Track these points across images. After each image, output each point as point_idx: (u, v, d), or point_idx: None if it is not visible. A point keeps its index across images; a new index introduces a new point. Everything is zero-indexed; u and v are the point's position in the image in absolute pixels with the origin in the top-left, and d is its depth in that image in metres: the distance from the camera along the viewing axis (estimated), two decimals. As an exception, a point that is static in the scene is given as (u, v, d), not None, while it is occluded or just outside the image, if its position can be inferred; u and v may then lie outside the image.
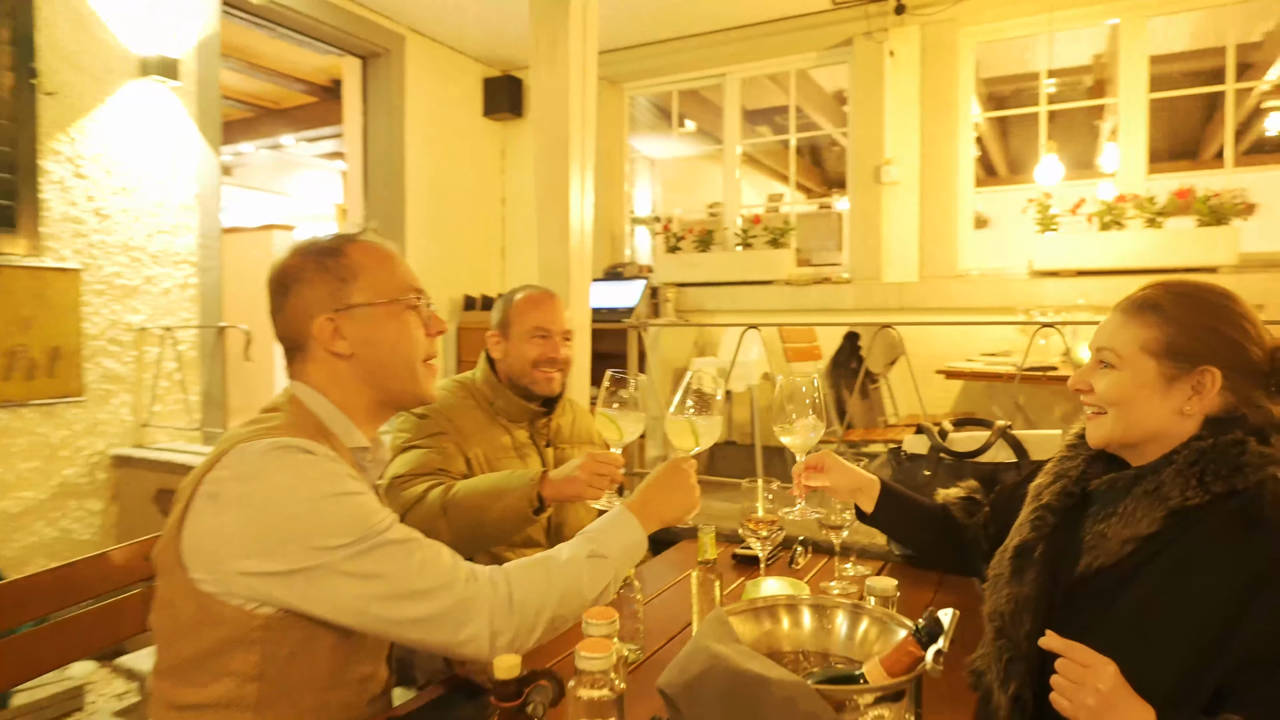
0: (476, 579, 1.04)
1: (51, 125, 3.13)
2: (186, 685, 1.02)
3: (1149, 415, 1.10)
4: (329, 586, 0.98)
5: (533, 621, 1.04)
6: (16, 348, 3.01)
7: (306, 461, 1.01)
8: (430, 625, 1.00)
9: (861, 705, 0.76)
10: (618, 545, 1.16)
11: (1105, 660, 0.95)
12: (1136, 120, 4.14)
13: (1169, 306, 1.11)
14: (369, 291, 1.13)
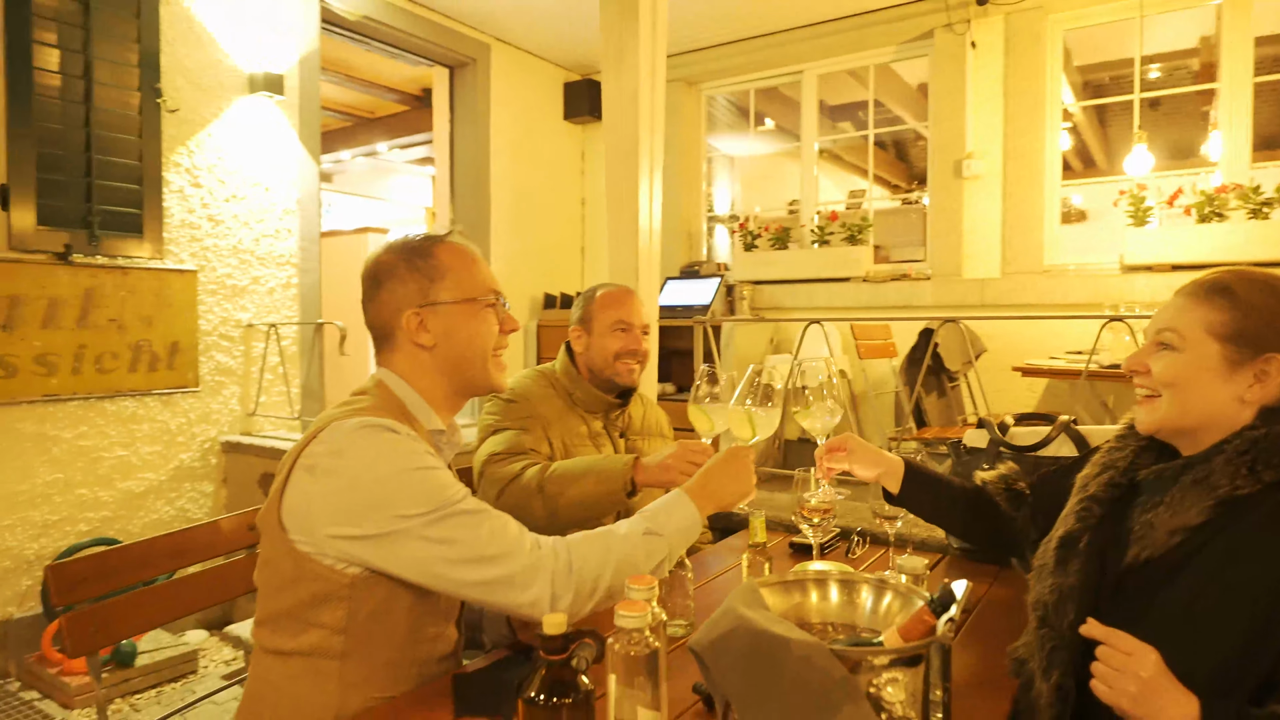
0: (540, 547, 1.13)
1: (172, 140, 3.44)
2: (282, 634, 1.15)
3: (1206, 400, 1.09)
4: (407, 549, 1.09)
5: (590, 589, 1.13)
6: (141, 342, 3.32)
7: (390, 439, 1.12)
8: (496, 587, 1.10)
9: (876, 666, 0.81)
10: (673, 525, 1.23)
11: (1147, 648, 0.96)
12: (1240, 105, 3.92)
13: (1241, 291, 1.10)
14: (453, 290, 1.26)
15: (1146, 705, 0.92)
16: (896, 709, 0.81)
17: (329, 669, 1.13)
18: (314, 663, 1.14)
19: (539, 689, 0.94)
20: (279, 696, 1.15)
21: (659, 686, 0.92)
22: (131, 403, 3.33)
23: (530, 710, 0.94)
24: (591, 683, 0.97)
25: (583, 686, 0.96)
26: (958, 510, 1.49)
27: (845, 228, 4.72)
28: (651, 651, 0.90)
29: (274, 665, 1.16)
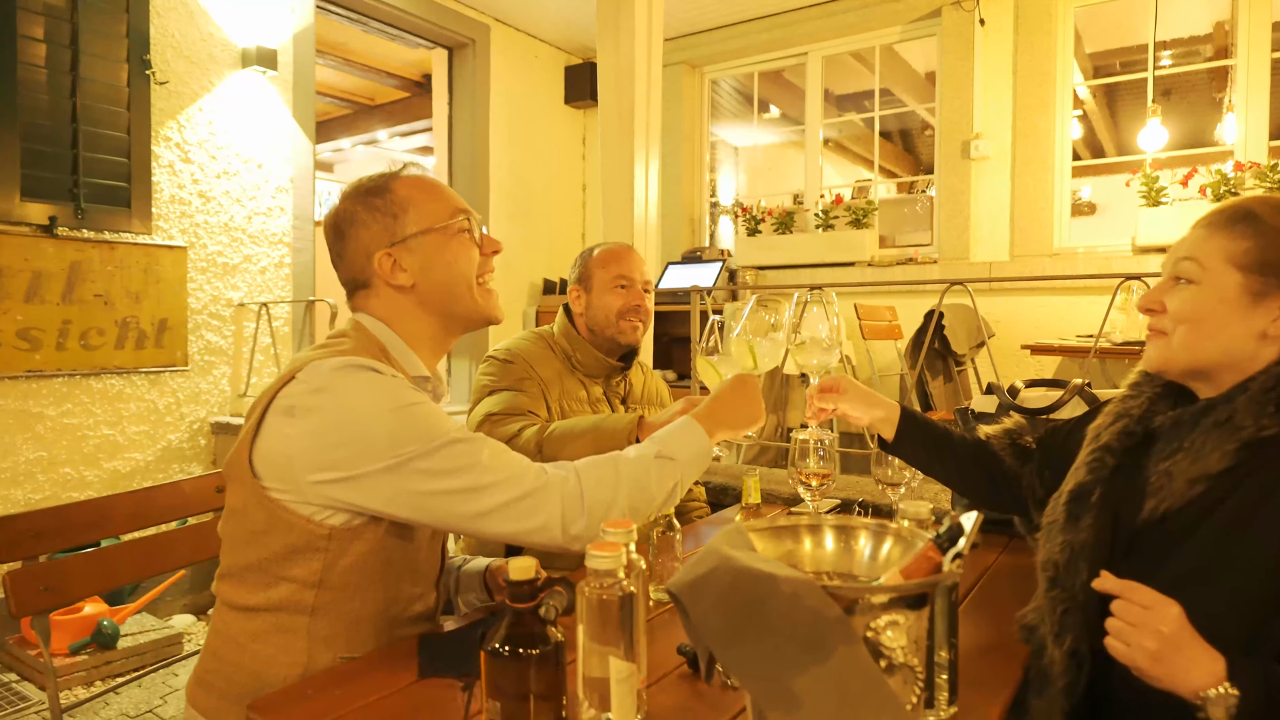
0: (546, 472, 1.07)
1: (162, 113, 3.36)
2: (248, 587, 1.07)
3: (1224, 336, 1.00)
4: (407, 486, 1.02)
5: (603, 513, 1.06)
6: (129, 318, 3.25)
7: (374, 378, 1.05)
8: (503, 515, 1.03)
9: (874, 607, 0.72)
10: (685, 450, 1.17)
11: (1168, 601, 0.87)
12: (1258, 83, 3.82)
13: (1266, 217, 1.01)
14: (419, 221, 1.17)
15: (1168, 663, 0.83)
16: (896, 654, 0.72)
17: (297, 625, 1.06)
18: (281, 618, 1.06)
19: (503, 640, 0.86)
20: (241, 655, 1.07)
21: (634, 636, 0.83)
22: (118, 380, 3.26)
23: (493, 663, 0.86)
24: (562, 634, 0.89)
25: (551, 637, 0.87)
26: (958, 463, 1.39)
27: (850, 211, 4.63)
28: (625, 595, 0.82)
29: (236, 621, 1.09)
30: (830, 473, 1.50)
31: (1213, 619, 0.87)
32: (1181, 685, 0.84)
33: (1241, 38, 3.87)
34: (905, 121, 7.10)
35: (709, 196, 5.59)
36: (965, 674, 1.01)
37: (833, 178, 6.61)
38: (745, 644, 0.72)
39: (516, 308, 5.24)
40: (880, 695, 0.69)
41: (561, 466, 1.09)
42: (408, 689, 1.00)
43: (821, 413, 1.39)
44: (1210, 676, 0.83)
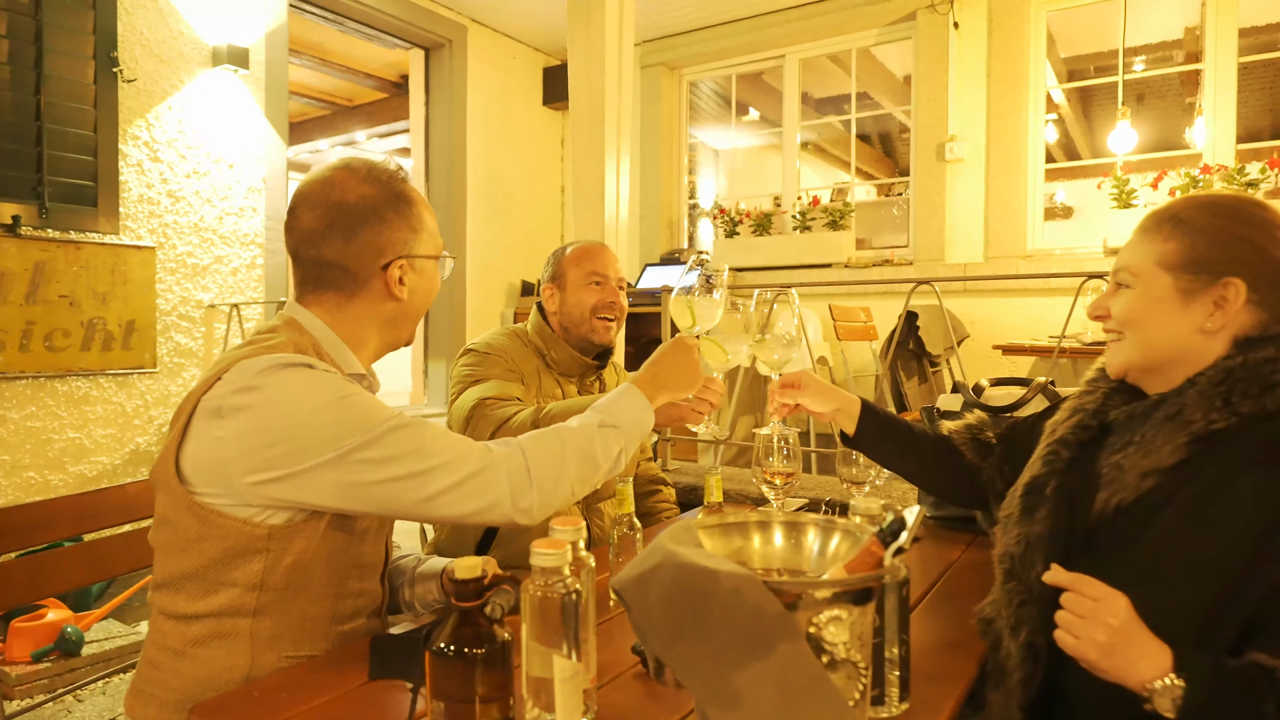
0: (491, 450, 1.06)
1: (130, 111, 3.32)
2: (186, 596, 1.05)
3: (1166, 334, 1.01)
4: (350, 478, 0.99)
5: (552, 485, 1.06)
6: (95, 320, 3.20)
7: (307, 374, 1.03)
8: (451, 496, 1.02)
9: (817, 602, 0.71)
10: (627, 416, 1.18)
11: (1117, 593, 0.88)
12: (1225, 88, 3.87)
13: (1189, 216, 1.02)
14: (428, 246, 1.20)
15: (1116, 656, 0.84)
16: (839, 650, 0.71)
17: (239, 628, 1.04)
18: (223, 623, 1.04)
19: (448, 639, 0.85)
20: (181, 661, 1.04)
21: (579, 634, 0.82)
22: (84, 383, 3.20)
23: (438, 662, 0.85)
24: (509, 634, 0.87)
25: (498, 636, 0.86)
26: (920, 457, 1.39)
27: (827, 213, 4.64)
28: (570, 593, 0.81)
29: (176, 629, 1.05)
30: (794, 471, 1.49)
31: (1163, 614, 0.88)
32: (1129, 677, 0.84)
33: (1209, 43, 3.93)
34: (884, 125, 7.13)
35: (688, 198, 5.59)
36: (921, 669, 1.01)
37: (813, 180, 6.63)
38: (687, 641, 0.71)
39: (495, 309, 5.22)
40: (822, 691, 0.69)
41: (506, 444, 1.08)
42: (356, 691, 0.98)
43: (783, 408, 1.38)
44: (1157, 668, 0.83)
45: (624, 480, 1.31)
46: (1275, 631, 0.85)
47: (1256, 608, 0.87)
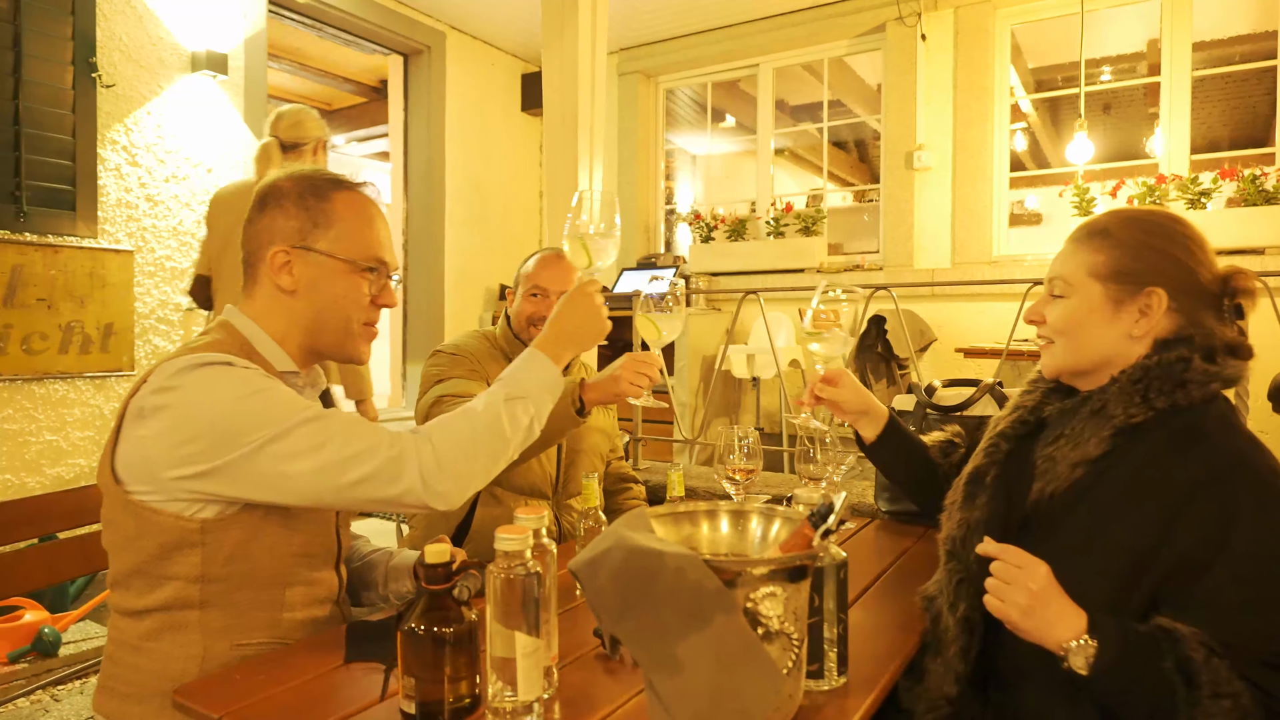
0: (400, 438, 1.07)
1: (108, 116, 3.34)
2: (135, 593, 1.09)
3: (1097, 340, 1.10)
4: (267, 470, 1.02)
5: (465, 466, 1.08)
6: (73, 323, 3.22)
7: (223, 371, 1.05)
8: (369, 485, 1.04)
9: (753, 579, 0.79)
10: (533, 383, 1.18)
11: (1038, 561, 0.97)
12: (1180, 99, 4.01)
13: (1116, 230, 1.11)
14: (334, 244, 1.16)
15: (1036, 617, 0.92)
16: (773, 623, 0.78)
17: (188, 620, 1.07)
18: (172, 616, 1.07)
19: (418, 619, 0.91)
20: (138, 656, 1.08)
21: (541, 615, 0.89)
22: (62, 385, 3.22)
23: (409, 641, 0.91)
24: (476, 615, 0.94)
25: (465, 617, 0.93)
26: (913, 471, 1.48)
27: (800, 219, 4.74)
28: (532, 575, 0.87)
29: (130, 625, 1.09)
30: (755, 468, 1.57)
31: (1083, 586, 0.96)
32: (1048, 637, 0.92)
33: (1165, 56, 4.07)
34: (859, 132, 7.26)
35: (664, 204, 5.68)
36: (864, 648, 1.09)
37: (790, 186, 6.74)
38: (635, 615, 0.78)
39: (473, 313, 5.27)
40: (756, 659, 0.76)
41: (417, 431, 1.10)
42: (332, 673, 1.04)
43: (816, 400, 1.43)
44: (1073, 630, 0.91)
45: (589, 476, 1.38)
46: (1177, 600, 0.94)
47: (1162, 579, 0.95)
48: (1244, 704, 0.85)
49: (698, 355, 4.54)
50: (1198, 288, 1.07)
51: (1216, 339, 1.06)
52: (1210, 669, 0.86)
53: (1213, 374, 1.03)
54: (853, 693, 0.97)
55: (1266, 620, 0.90)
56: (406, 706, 0.91)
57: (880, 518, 1.85)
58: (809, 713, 0.92)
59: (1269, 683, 0.87)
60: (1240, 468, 0.96)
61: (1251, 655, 0.88)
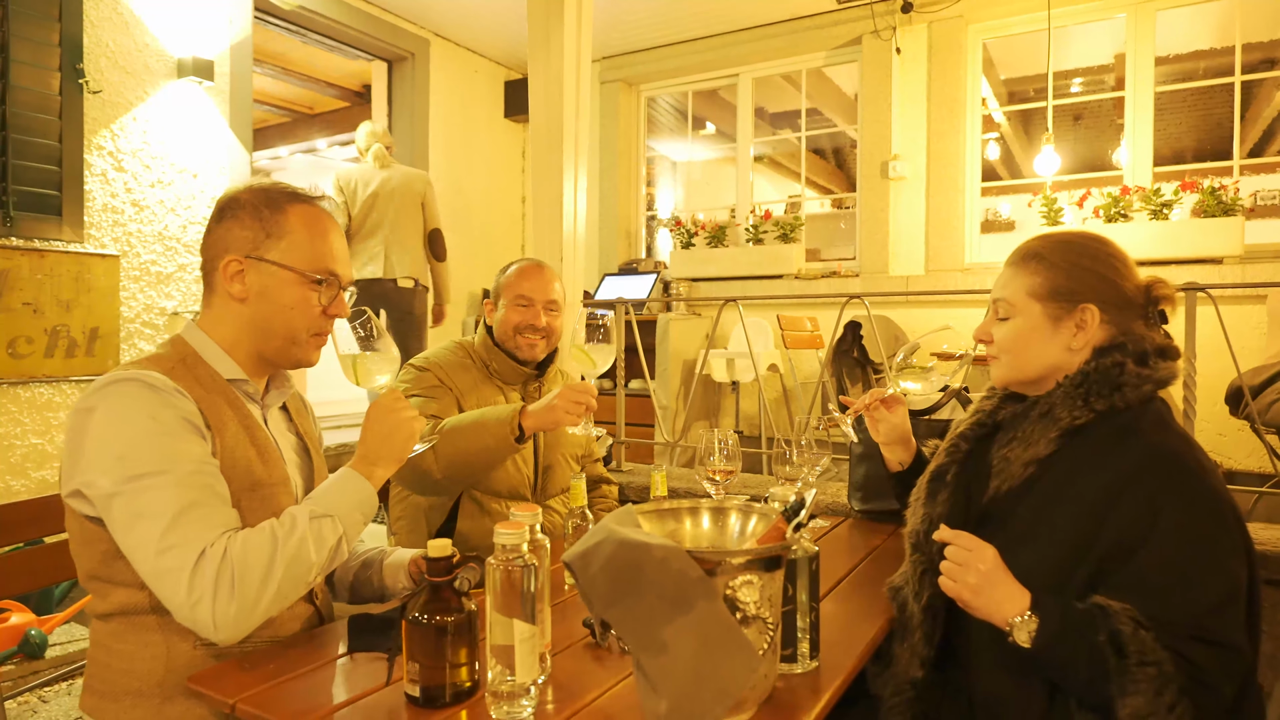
0: (205, 557, 1.01)
1: (95, 122, 3.37)
2: (96, 597, 1.14)
3: (1040, 354, 1.21)
4: (117, 515, 1.03)
5: (255, 595, 1.02)
6: (59, 327, 3.23)
7: (134, 391, 1.07)
8: (164, 579, 1.01)
9: (731, 568, 0.87)
10: (343, 503, 1.14)
11: (987, 545, 1.06)
12: (1143, 112, 4.16)
13: (1048, 253, 1.22)
14: (285, 255, 1.19)
15: (985, 595, 1.02)
16: (750, 608, 0.86)
17: (148, 622, 1.11)
18: (132, 619, 1.11)
19: (422, 609, 0.98)
20: (109, 657, 1.13)
21: (537, 604, 0.96)
22: (47, 389, 3.24)
23: (412, 629, 0.98)
24: (475, 606, 1.01)
25: (465, 607, 1.00)
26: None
27: (778, 226, 4.84)
28: (528, 566, 0.95)
29: (100, 628, 1.15)
30: (734, 469, 1.65)
31: (1029, 571, 1.06)
32: (995, 615, 1.02)
33: (1129, 71, 4.22)
34: (837, 140, 7.39)
35: (646, 209, 5.76)
36: (834, 634, 1.17)
37: (769, 192, 6.85)
38: (624, 602, 0.85)
39: (456, 317, 5.31)
40: (735, 640, 0.84)
41: (228, 547, 1.03)
42: (335, 662, 1.11)
43: (867, 409, 1.51)
44: (1018, 607, 1.01)
45: (577, 477, 1.46)
46: (1111, 581, 1.04)
47: (1098, 563, 1.05)
48: (1166, 671, 0.95)
49: (678, 359, 4.62)
50: (1124, 299, 1.18)
51: (1147, 343, 1.16)
52: (1137, 640, 0.95)
53: (1145, 376, 1.13)
54: (824, 675, 1.05)
55: (1189, 597, 0.99)
56: (411, 690, 0.98)
57: (853, 516, 1.94)
58: (784, 694, 1.00)
59: (1194, 653, 0.97)
60: (1168, 462, 1.06)
61: (1178, 629, 0.98)
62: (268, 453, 1.21)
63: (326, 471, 1.34)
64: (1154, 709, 0.95)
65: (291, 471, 1.27)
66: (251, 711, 0.97)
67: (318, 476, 1.34)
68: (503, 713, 0.94)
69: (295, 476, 1.28)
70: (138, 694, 1.10)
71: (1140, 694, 0.95)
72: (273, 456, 1.22)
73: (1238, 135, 4.19)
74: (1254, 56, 5.42)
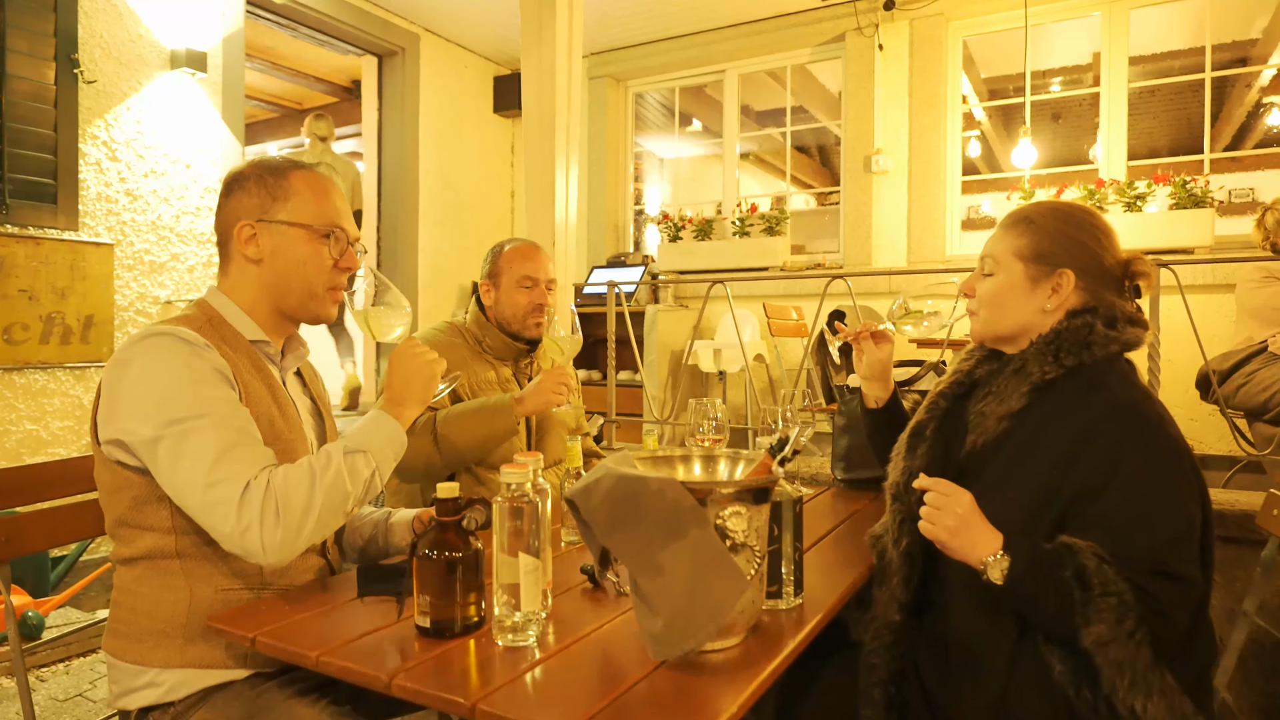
0: (250, 488, 1.08)
1: (89, 112, 3.40)
2: (121, 543, 1.20)
3: (1016, 312, 1.28)
4: (162, 458, 1.09)
5: (298, 522, 1.09)
6: (54, 314, 3.27)
7: (169, 343, 1.14)
8: (212, 512, 1.07)
9: (721, 498, 0.94)
10: (375, 440, 1.20)
11: (963, 490, 1.14)
12: (1118, 109, 4.28)
13: (1038, 218, 1.30)
14: (293, 213, 1.27)
15: (961, 537, 1.09)
16: (739, 536, 0.94)
17: (171, 567, 1.17)
18: (156, 563, 1.17)
19: (431, 546, 1.05)
20: (134, 600, 1.18)
21: (540, 539, 1.03)
22: (42, 375, 3.27)
23: (423, 564, 1.05)
24: (482, 545, 1.08)
25: (472, 544, 1.07)
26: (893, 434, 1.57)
27: (764, 220, 4.93)
28: (532, 505, 1.02)
29: (125, 573, 1.20)
30: (723, 439, 1.72)
31: (1002, 515, 1.14)
32: (970, 555, 1.09)
33: (1104, 69, 4.33)
34: (822, 138, 7.50)
35: (633, 204, 5.83)
36: (817, 579, 1.25)
37: (754, 189, 6.95)
38: (623, 530, 0.93)
39: (445, 310, 5.36)
40: (724, 565, 0.91)
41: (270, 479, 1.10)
42: (348, 604, 1.17)
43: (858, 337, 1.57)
44: (991, 548, 1.08)
45: (572, 439, 1.53)
46: (1078, 522, 1.12)
47: (1065, 505, 1.13)
48: (1127, 600, 1.03)
49: (666, 350, 4.69)
50: (1102, 270, 1.26)
51: (1117, 311, 1.24)
52: (1101, 573, 1.03)
53: (1113, 338, 1.21)
54: (807, 610, 1.13)
55: (1148, 535, 1.07)
56: (422, 622, 1.05)
57: (836, 486, 2.02)
58: (769, 625, 1.07)
59: (1152, 586, 1.05)
60: (1130, 413, 1.14)
61: (1138, 564, 1.06)
62: (287, 411, 1.28)
63: (337, 434, 1.40)
64: (1115, 635, 1.03)
65: (307, 432, 1.33)
66: (271, 643, 1.04)
67: (329, 438, 1.40)
68: (508, 640, 1.01)
69: (310, 436, 1.34)
70: (161, 634, 1.15)
71: (1103, 622, 1.03)
72: (291, 415, 1.29)
73: (1208, 131, 4.32)
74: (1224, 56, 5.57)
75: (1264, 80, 5.76)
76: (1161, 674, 1.05)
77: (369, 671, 0.94)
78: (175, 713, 1.16)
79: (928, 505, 1.13)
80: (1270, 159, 6.78)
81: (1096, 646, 1.04)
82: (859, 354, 1.60)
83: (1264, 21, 5.12)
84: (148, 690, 1.16)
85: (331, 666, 0.97)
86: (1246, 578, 1.54)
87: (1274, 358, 2.69)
